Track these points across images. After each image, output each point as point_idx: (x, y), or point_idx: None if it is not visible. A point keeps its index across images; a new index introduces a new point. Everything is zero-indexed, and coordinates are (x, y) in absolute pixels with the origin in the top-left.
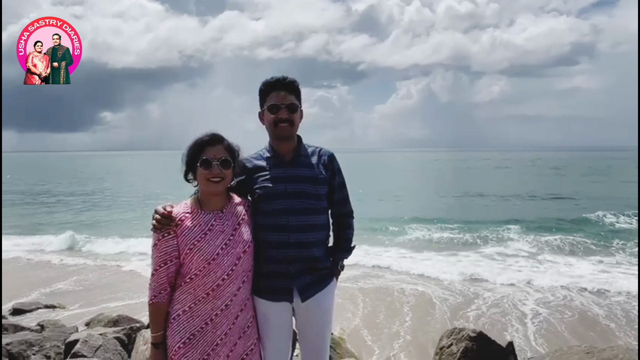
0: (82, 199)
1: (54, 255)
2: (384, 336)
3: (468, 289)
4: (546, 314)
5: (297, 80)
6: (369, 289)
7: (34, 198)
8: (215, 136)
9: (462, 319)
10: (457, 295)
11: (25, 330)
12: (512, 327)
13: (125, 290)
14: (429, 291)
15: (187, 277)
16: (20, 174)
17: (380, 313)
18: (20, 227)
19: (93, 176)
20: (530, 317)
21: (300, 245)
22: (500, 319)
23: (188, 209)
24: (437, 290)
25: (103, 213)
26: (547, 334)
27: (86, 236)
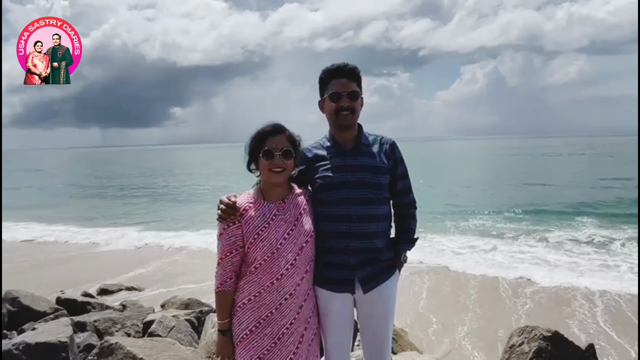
0: (156, 191)
1: (135, 243)
2: (446, 329)
3: (538, 283)
4: (630, 314)
5: (358, 67)
6: (431, 281)
7: (117, 190)
8: (277, 126)
9: (531, 315)
10: (526, 290)
11: (110, 309)
12: (590, 328)
13: (194, 276)
14: (496, 284)
15: (252, 267)
16: (104, 168)
17: (443, 305)
18: (105, 218)
19: (165, 169)
20: (610, 317)
21: (362, 236)
22: (576, 317)
23: (251, 199)
24: (505, 283)
25: (177, 204)
26: (631, 340)
27: (158, 228)
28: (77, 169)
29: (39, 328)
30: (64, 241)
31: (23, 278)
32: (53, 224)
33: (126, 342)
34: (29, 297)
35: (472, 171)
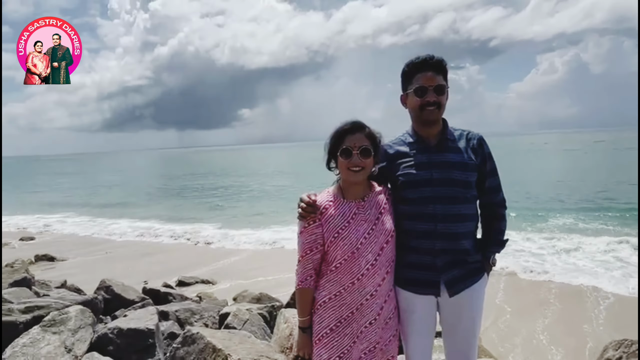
0: (228, 189)
1: (210, 239)
2: (522, 336)
3: (623, 290)
4: None
5: (445, 59)
6: (506, 283)
7: (194, 189)
8: (356, 124)
9: (626, 328)
10: (610, 297)
11: (188, 300)
12: None
13: (264, 271)
14: (577, 289)
15: (332, 266)
16: (181, 168)
17: (519, 310)
18: (183, 215)
19: (236, 168)
20: None
21: (448, 236)
22: None
23: (331, 198)
24: (586, 289)
25: (248, 201)
26: None
27: (231, 224)
28: (158, 169)
29: (129, 315)
30: (148, 236)
31: (113, 269)
32: (137, 220)
33: (206, 332)
34: (119, 286)
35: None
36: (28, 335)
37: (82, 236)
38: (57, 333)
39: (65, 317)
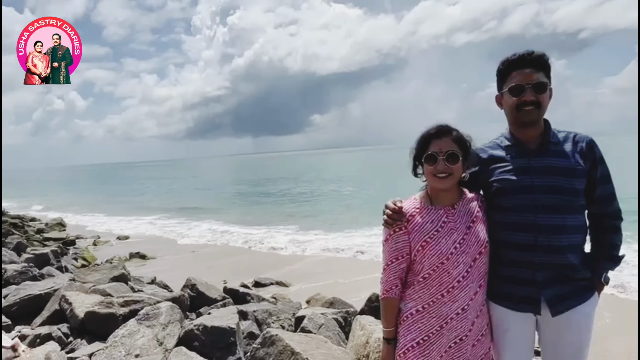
0: (303, 193)
1: (283, 242)
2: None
3: None
4: None
5: (547, 54)
6: (615, 302)
7: (269, 193)
8: (442, 128)
9: None
10: None
11: (265, 301)
12: None
13: (336, 275)
14: None
15: (420, 276)
16: (257, 172)
17: (628, 333)
18: (260, 218)
19: (309, 172)
20: None
21: (551, 249)
22: None
23: (418, 205)
24: None
25: (322, 205)
26: None
27: (305, 227)
28: (235, 174)
29: (212, 313)
30: (226, 239)
31: (196, 268)
32: (217, 223)
33: (285, 335)
34: (203, 284)
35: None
36: (126, 327)
37: (168, 237)
38: (150, 327)
39: (157, 312)
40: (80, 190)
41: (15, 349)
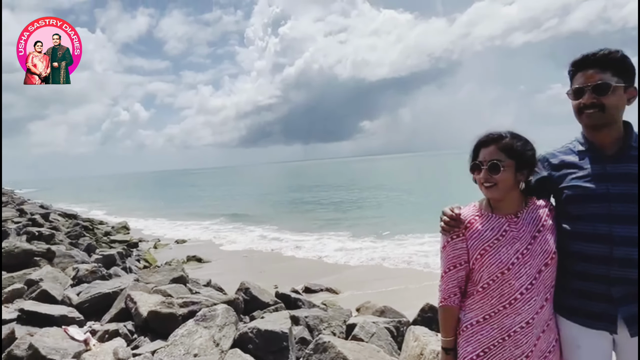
0: (353, 199)
1: (333, 249)
2: None
3: None
4: None
5: (621, 51)
6: None
7: (320, 199)
8: (490, 136)
9: None
10: None
11: (316, 307)
12: None
13: (386, 283)
14: None
15: (479, 286)
16: (307, 179)
17: None
18: (311, 225)
19: (360, 178)
20: None
21: (629, 263)
22: None
23: (477, 212)
24: None
25: (372, 211)
26: None
27: (355, 234)
28: (286, 181)
29: (266, 317)
30: (278, 245)
31: (248, 272)
32: (268, 229)
33: (337, 342)
34: (257, 288)
35: None
36: (185, 327)
37: (222, 242)
38: (207, 328)
39: (214, 314)
40: (143, 196)
41: (87, 342)
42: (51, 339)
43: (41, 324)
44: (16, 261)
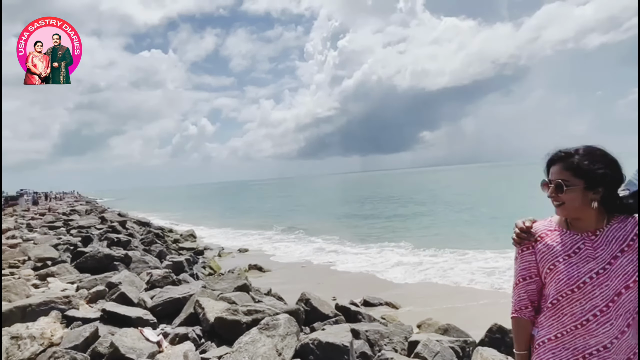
0: (414, 211)
1: (393, 264)
2: None
3: None
4: None
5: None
6: None
7: (377, 212)
8: (556, 155)
9: None
10: None
11: (376, 321)
12: None
13: (450, 300)
14: None
15: (549, 302)
16: (366, 191)
17: None
18: (373, 236)
19: (420, 190)
20: None
21: None
22: None
23: (551, 226)
24: None
25: (436, 226)
26: None
27: (419, 245)
28: (346, 192)
29: (327, 329)
30: (337, 257)
31: (306, 282)
32: (328, 242)
33: (400, 359)
34: (317, 300)
35: None
36: (249, 335)
37: (282, 252)
38: (270, 337)
39: (277, 323)
40: (208, 206)
41: (160, 344)
42: (129, 339)
43: (120, 324)
44: (99, 264)
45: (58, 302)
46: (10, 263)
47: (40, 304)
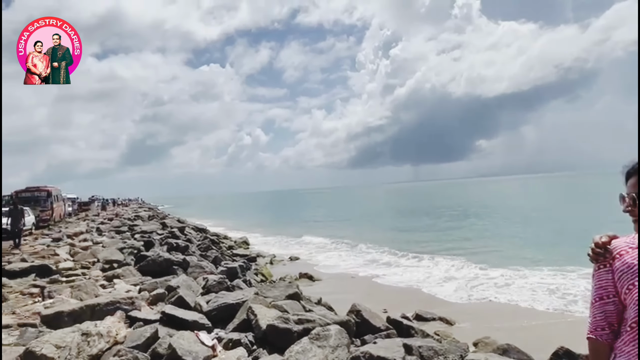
0: (475, 223)
1: (449, 277)
2: None
3: None
4: None
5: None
6: None
7: (432, 224)
8: (633, 167)
9: None
10: None
11: (429, 337)
12: None
13: (510, 318)
14: None
15: (628, 325)
16: (419, 201)
17: None
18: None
19: (478, 201)
20: None
21: None
22: None
23: (632, 243)
24: None
25: (494, 239)
26: None
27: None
28: (399, 202)
29: (378, 342)
30: (389, 270)
31: (352, 294)
32: (380, 253)
33: None
34: (368, 312)
35: None
36: (300, 344)
37: (332, 262)
38: (321, 347)
39: (328, 334)
40: (261, 214)
41: (214, 348)
42: (185, 341)
43: (177, 326)
44: (159, 268)
45: (122, 302)
46: (82, 264)
47: (107, 303)
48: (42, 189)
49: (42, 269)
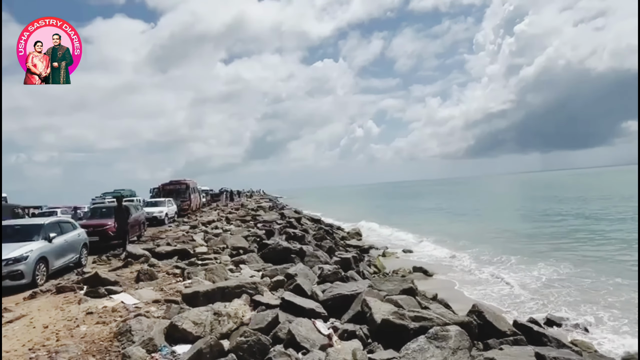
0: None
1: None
2: None
3: None
4: None
5: None
6: None
7: (557, 220)
8: None
9: None
10: None
11: (567, 348)
12: None
13: None
14: None
15: None
16: (545, 192)
17: None
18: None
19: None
20: None
21: None
22: None
23: None
24: None
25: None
26: None
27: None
28: (530, 193)
29: (505, 349)
30: (513, 270)
31: (472, 292)
32: (498, 250)
33: None
34: (491, 313)
35: None
36: (417, 342)
37: (446, 256)
38: (439, 348)
39: (447, 335)
40: (373, 206)
41: (330, 337)
42: (303, 328)
43: (295, 313)
44: (278, 257)
45: (247, 287)
46: (214, 249)
47: (235, 287)
48: (182, 182)
49: (182, 252)
